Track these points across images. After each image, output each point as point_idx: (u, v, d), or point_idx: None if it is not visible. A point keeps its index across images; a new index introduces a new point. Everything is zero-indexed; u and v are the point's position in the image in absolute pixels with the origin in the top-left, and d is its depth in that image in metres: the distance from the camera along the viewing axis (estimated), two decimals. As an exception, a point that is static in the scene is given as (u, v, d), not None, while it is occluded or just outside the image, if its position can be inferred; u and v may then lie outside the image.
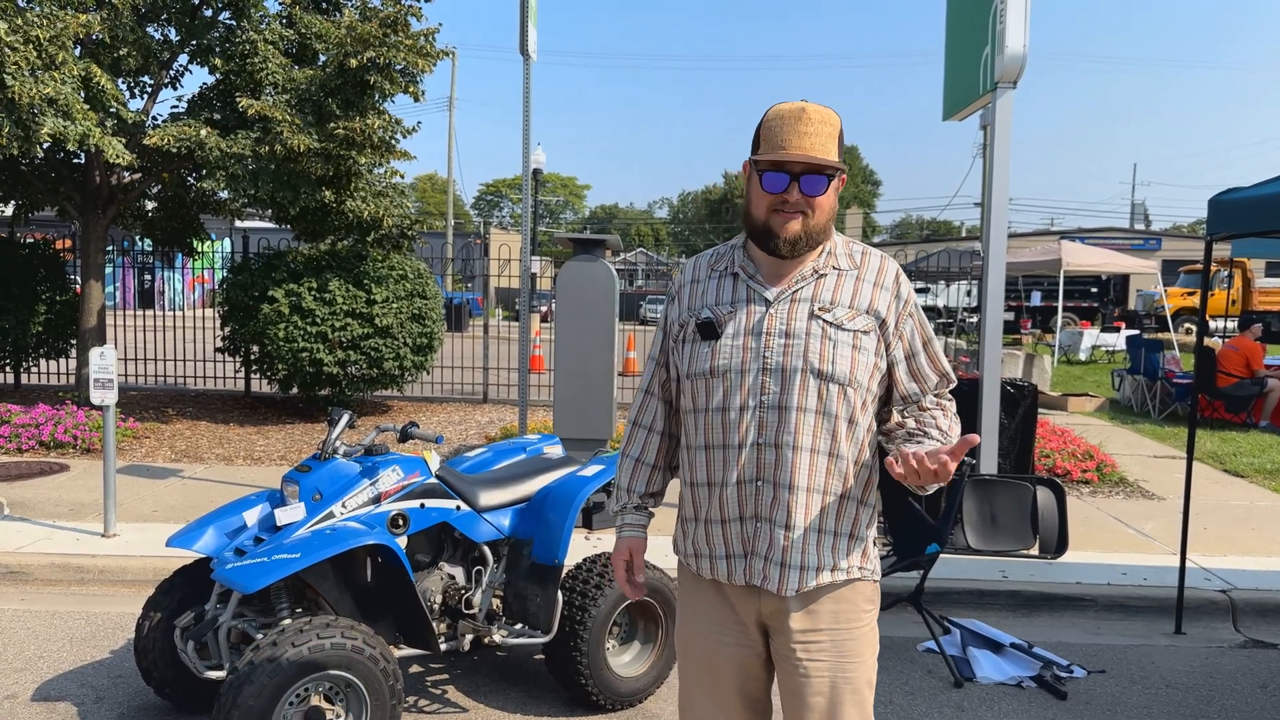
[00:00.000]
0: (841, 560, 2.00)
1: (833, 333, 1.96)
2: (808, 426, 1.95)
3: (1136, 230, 47.18)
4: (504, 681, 4.08)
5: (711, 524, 2.04)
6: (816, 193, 1.94)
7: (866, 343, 1.98)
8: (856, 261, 2.05)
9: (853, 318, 1.98)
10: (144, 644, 3.50)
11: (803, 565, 1.97)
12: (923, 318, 2.09)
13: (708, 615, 2.10)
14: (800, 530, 1.96)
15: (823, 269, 2.02)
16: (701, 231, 79.72)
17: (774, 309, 1.99)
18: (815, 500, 1.97)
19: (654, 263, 61.36)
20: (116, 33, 8.56)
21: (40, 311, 10.36)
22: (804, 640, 1.99)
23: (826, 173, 1.94)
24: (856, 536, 2.02)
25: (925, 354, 2.07)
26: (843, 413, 1.96)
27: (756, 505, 1.98)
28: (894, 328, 2.03)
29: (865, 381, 1.98)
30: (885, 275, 2.05)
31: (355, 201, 9.36)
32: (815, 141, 1.92)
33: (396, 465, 3.56)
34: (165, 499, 6.65)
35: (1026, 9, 4.99)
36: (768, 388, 1.96)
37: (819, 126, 1.93)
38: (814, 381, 1.95)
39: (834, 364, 1.95)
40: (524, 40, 6.66)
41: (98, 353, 5.49)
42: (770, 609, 2.02)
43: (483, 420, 10.42)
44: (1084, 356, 20.70)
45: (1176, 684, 4.27)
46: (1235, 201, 4.56)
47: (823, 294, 2.00)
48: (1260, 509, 7.19)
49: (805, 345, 1.95)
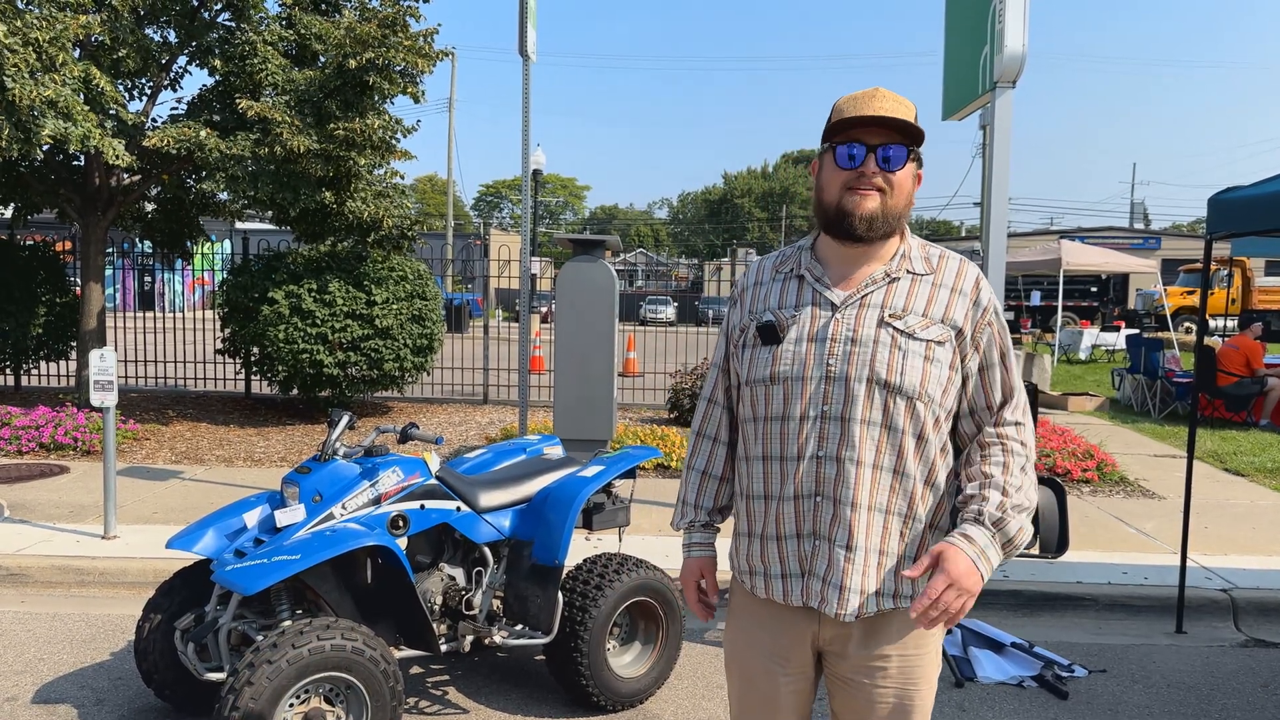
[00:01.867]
0: (905, 586, 1.86)
1: (903, 341, 1.82)
2: (871, 440, 1.82)
3: (1136, 229, 47.18)
4: (504, 683, 4.08)
5: (767, 540, 1.92)
6: (895, 166, 1.82)
7: (940, 354, 1.84)
8: (933, 265, 1.91)
9: (926, 326, 1.84)
10: (144, 646, 3.49)
11: (863, 589, 1.84)
12: (1003, 328, 1.92)
13: (762, 640, 1.98)
14: (861, 551, 1.83)
15: (895, 272, 1.88)
16: (701, 232, 79.71)
17: (840, 314, 1.87)
18: (878, 520, 1.84)
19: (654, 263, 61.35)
20: (116, 34, 8.56)
21: (40, 313, 10.36)
22: (870, 665, 1.89)
23: (906, 143, 1.82)
24: None
25: (1001, 368, 1.90)
26: (910, 428, 1.83)
27: (815, 522, 1.86)
28: (971, 338, 1.88)
29: (937, 395, 1.84)
30: (964, 280, 1.90)
31: (355, 202, 9.36)
32: (893, 112, 1.81)
33: (396, 466, 3.55)
34: (165, 501, 6.65)
35: (1026, 8, 4.98)
36: (830, 397, 1.84)
37: (894, 104, 1.83)
38: (879, 393, 1.82)
39: (902, 375, 1.81)
40: (523, 41, 6.66)
41: (98, 355, 5.49)
42: (830, 634, 1.91)
43: (483, 421, 10.41)
44: (1084, 356, 20.70)
45: (1178, 683, 4.27)
46: (1234, 200, 4.56)
47: (894, 300, 1.86)
48: (1261, 508, 7.19)
49: (872, 354, 1.82)
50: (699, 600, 2.12)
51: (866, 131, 1.83)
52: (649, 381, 14.13)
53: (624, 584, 3.79)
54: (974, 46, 5.39)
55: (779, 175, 78.69)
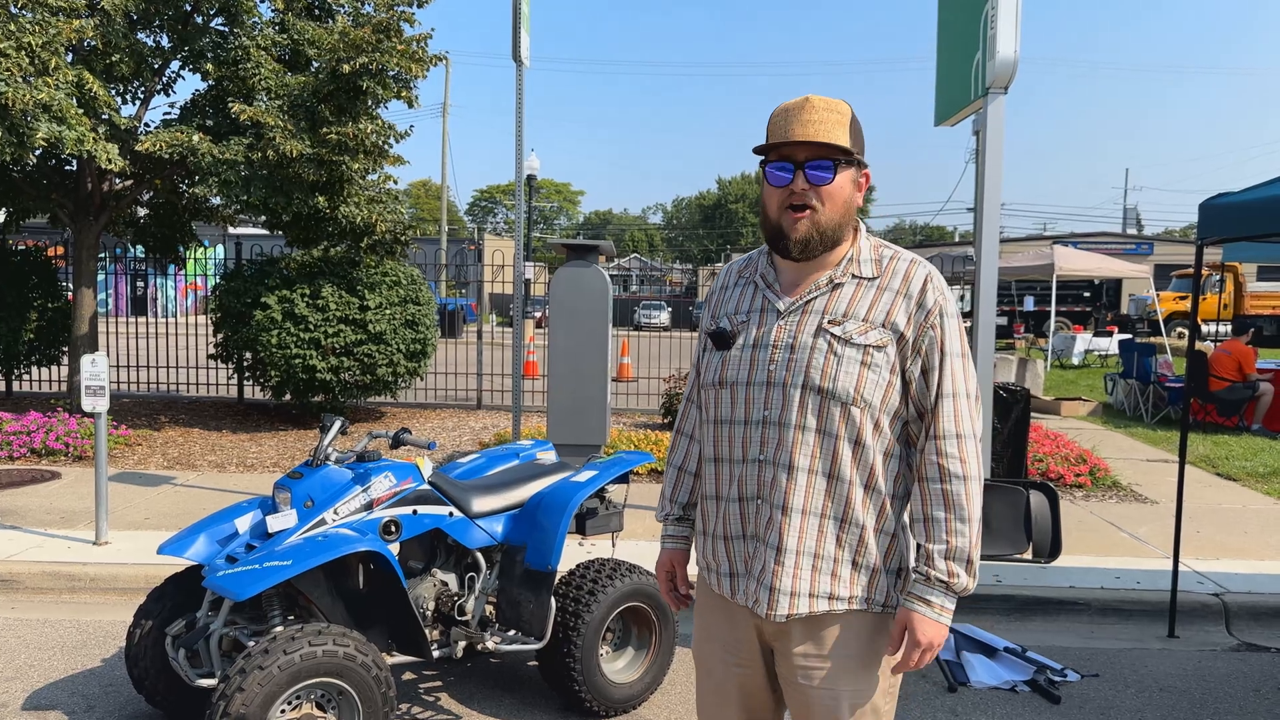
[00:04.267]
0: (842, 589, 1.88)
1: (839, 347, 1.84)
2: (806, 445, 1.86)
3: (1129, 235, 47.36)
4: (497, 688, 4.07)
5: (717, 539, 2.00)
6: (823, 180, 1.84)
7: (879, 359, 1.84)
8: (883, 268, 1.91)
9: (865, 331, 1.85)
10: (135, 652, 3.48)
11: (793, 591, 1.88)
12: (950, 331, 1.88)
13: (718, 632, 2.06)
14: (792, 554, 1.87)
15: (840, 278, 1.90)
16: (695, 237, 79.79)
17: (784, 320, 1.91)
18: (812, 523, 1.87)
19: (648, 268, 61.40)
20: (109, 39, 8.55)
21: (32, 319, 10.32)
22: (806, 666, 1.92)
23: (833, 157, 1.84)
24: (862, 566, 1.89)
25: (940, 371, 1.86)
26: (845, 433, 1.85)
27: (756, 524, 1.92)
28: (913, 341, 1.86)
29: (876, 401, 1.85)
30: (911, 283, 1.89)
31: (348, 207, 9.35)
32: (819, 128, 1.83)
33: (389, 472, 3.55)
34: (157, 506, 6.63)
35: (1017, 15, 5.01)
36: (770, 402, 1.89)
37: (823, 114, 1.84)
38: (814, 399, 1.85)
39: (836, 381, 1.83)
40: (516, 46, 6.66)
41: (89, 360, 5.47)
42: (772, 630, 1.95)
43: (477, 426, 10.40)
44: (1077, 361, 20.76)
45: (1170, 687, 4.27)
46: (1226, 206, 4.58)
47: (836, 306, 1.88)
48: (1253, 512, 7.21)
49: (808, 360, 1.85)
50: (669, 591, 2.21)
51: (795, 147, 1.86)
52: (643, 386, 14.13)
53: (617, 589, 3.79)
54: (966, 52, 5.41)
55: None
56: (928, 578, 1.84)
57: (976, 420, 1.89)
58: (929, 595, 1.84)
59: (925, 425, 1.88)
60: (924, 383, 1.88)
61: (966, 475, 1.85)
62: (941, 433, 1.86)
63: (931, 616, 1.83)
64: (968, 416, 1.87)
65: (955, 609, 1.91)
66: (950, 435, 1.85)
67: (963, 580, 1.84)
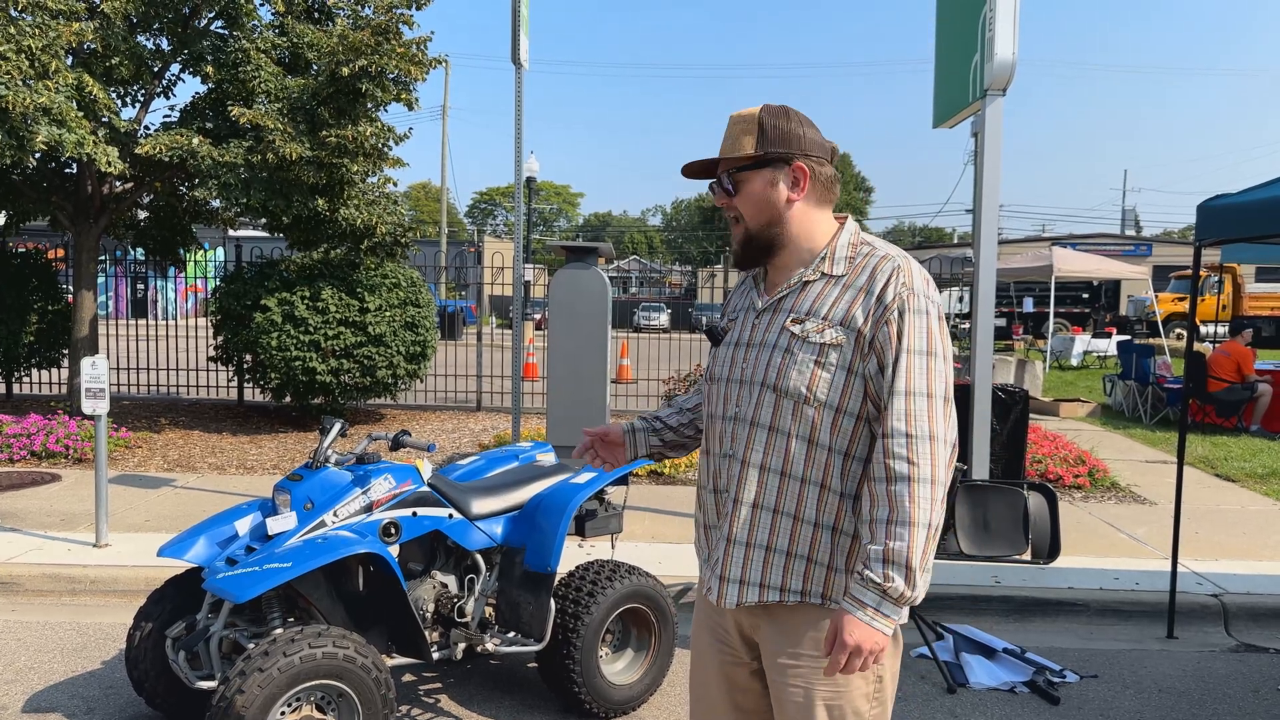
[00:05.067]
0: (794, 581, 1.88)
1: (795, 346, 1.87)
2: (759, 442, 1.90)
3: (1128, 236, 47.36)
4: (497, 690, 4.08)
5: (700, 527, 2.09)
6: (727, 193, 1.95)
7: (834, 357, 1.83)
8: (854, 265, 1.89)
9: (822, 330, 1.85)
10: (135, 654, 3.49)
11: (742, 580, 1.92)
12: (910, 327, 1.80)
13: (707, 623, 2.12)
14: (741, 546, 1.92)
15: (810, 276, 1.92)
16: (695, 239, 79.80)
17: (759, 319, 1.98)
18: (763, 517, 1.90)
19: (647, 270, 61.41)
20: (109, 42, 8.56)
21: (32, 321, 10.33)
22: (781, 662, 1.93)
23: (728, 169, 1.95)
24: (816, 561, 1.87)
25: (894, 370, 1.79)
26: (798, 431, 1.85)
27: (721, 515, 1.99)
28: (871, 339, 1.82)
29: (832, 399, 1.83)
30: (875, 279, 1.84)
31: (348, 210, 9.36)
32: (725, 144, 1.95)
33: (388, 474, 3.56)
34: (157, 509, 6.63)
35: (1015, 17, 5.02)
36: (740, 399, 1.96)
37: (732, 127, 1.95)
38: (769, 396, 1.89)
39: (787, 379, 1.86)
40: (516, 49, 6.67)
41: (89, 362, 5.48)
42: (749, 625, 2.00)
43: (476, 428, 10.40)
44: (1075, 362, 20.76)
45: (1169, 688, 4.28)
46: (1224, 207, 4.59)
47: (801, 304, 1.91)
48: (1251, 513, 7.22)
49: (768, 358, 1.91)
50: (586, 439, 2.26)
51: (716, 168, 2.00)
52: (642, 388, 14.13)
53: (616, 591, 3.80)
54: (964, 55, 5.42)
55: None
56: (863, 578, 1.77)
57: (938, 422, 1.79)
58: (863, 597, 1.76)
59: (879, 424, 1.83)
60: (879, 380, 1.82)
61: (913, 477, 1.75)
62: (889, 431, 1.78)
63: (863, 620, 1.75)
64: (924, 416, 1.78)
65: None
66: (899, 434, 1.77)
67: (899, 586, 1.74)
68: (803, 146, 1.92)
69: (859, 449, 1.86)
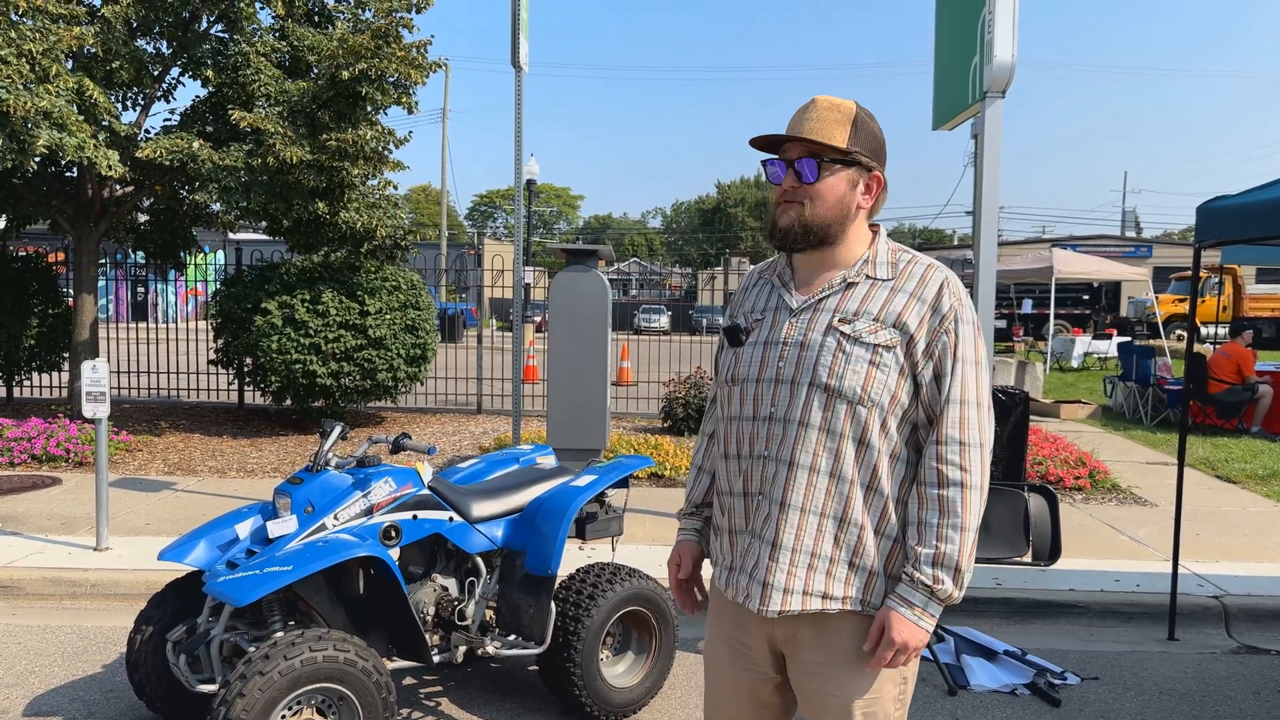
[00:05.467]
0: (836, 588, 1.87)
1: (848, 345, 1.84)
2: (809, 443, 1.86)
3: (1128, 238, 47.35)
4: (498, 693, 4.07)
5: (723, 533, 2.02)
6: (809, 178, 1.87)
7: (887, 358, 1.83)
8: (898, 271, 1.91)
9: (875, 331, 1.85)
10: (136, 658, 3.48)
11: (786, 588, 1.87)
12: (966, 337, 1.86)
13: (729, 635, 2.05)
14: (787, 550, 1.87)
15: (854, 278, 1.91)
16: (695, 241, 79.83)
17: (795, 318, 1.93)
18: (810, 521, 1.86)
19: (648, 272, 61.42)
20: (109, 46, 8.57)
21: (33, 325, 10.34)
22: (819, 671, 1.91)
23: (819, 155, 1.87)
24: (860, 567, 1.87)
25: (952, 378, 1.85)
26: (850, 432, 1.84)
27: (756, 520, 1.92)
28: (925, 345, 1.85)
29: (884, 401, 1.84)
30: (926, 286, 1.88)
31: (348, 213, 9.37)
32: (815, 126, 1.86)
33: (389, 477, 3.56)
34: (158, 512, 6.63)
35: (1014, 19, 5.02)
36: (777, 399, 1.89)
37: (824, 113, 1.87)
38: (820, 396, 1.85)
39: (843, 379, 1.83)
40: (515, 52, 6.68)
41: (90, 366, 5.48)
42: (783, 635, 1.94)
43: (477, 431, 10.41)
44: (1076, 364, 20.76)
45: (1170, 690, 4.28)
46: (1223, 209, 4.59)
47: (848, 305, 1.88)
48: (1252, 514, 7.21)
49: (816, 357, 1.86)
50: (679, 586, 2.20)
51: (790, 146, 1.91)
52: (643, 391, 14.13)
53: (617, 594, 3.80)
54: (964, 57, 5.42)
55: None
56: (912, 580, 1.83)
57: (986, 430, 1.86)
58: (911, 597, 1.83)
59: (931, 430, 1.87)
60: (935, 388, 1.86)
61: (965, 483, 1.83)
62: (944, 438, 1.84)
63: (910, 619, 1.82)
64: (975, 425, 1.85)
65: (945, 615, 1.91)
66: (953, 441, 1.84)
67: (948, 588, 1.82)
68: (882, 158, 1.95)
69: (903, 450, 1.90)
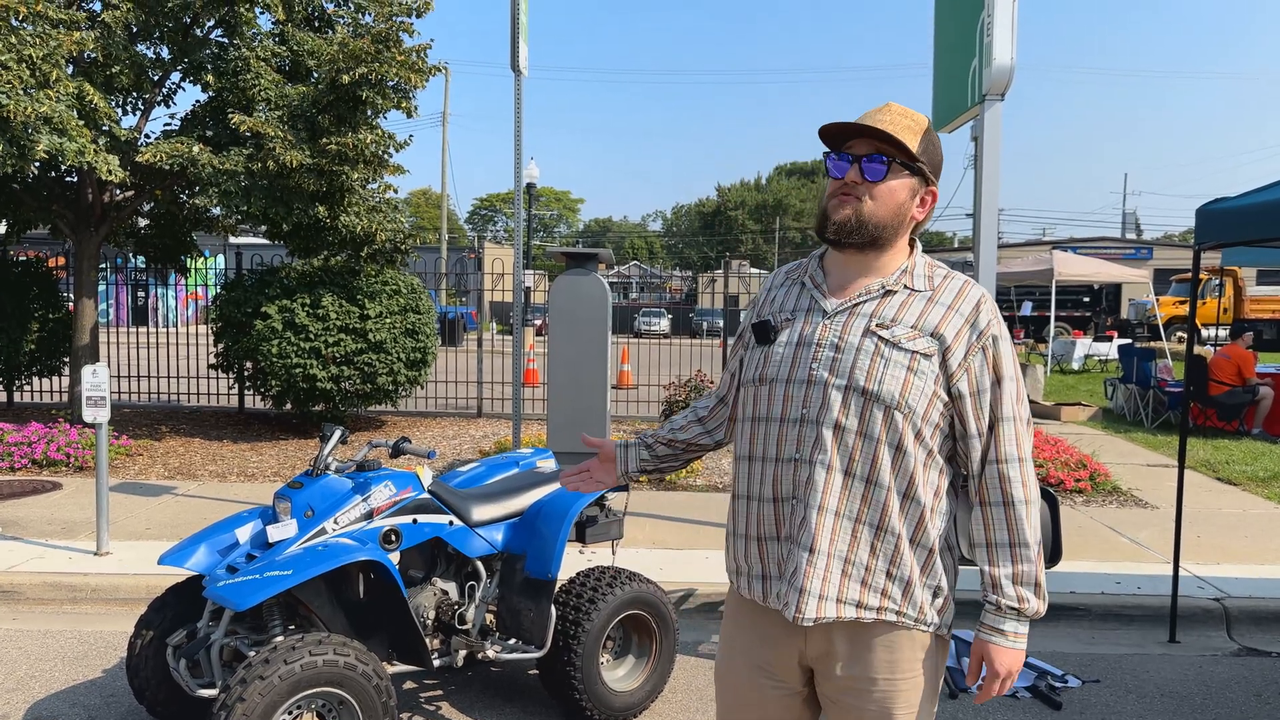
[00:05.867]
0: (872, 598, 1.84)
1: (886, 350, 1.83)
2: (845, 446, 1.83)
3: (1128, 240, 47.37)
4: (498, 697, 4.07)
5: (750, 540, 1.95)
6: (875, 176, 1.84)
7: (925, 366, 1.82)
8: (935, 284, 1.91)
9: (913, 338, 1.83)
10: (136, 663, 3.48)
11: (822, 594, 1.83)
12: (1003, 354, 1.87)
13: (747, 651, 1.98)
14: (823, 556, 1.83)
15: (893, 286, 1.90)
16: (695, 244, 79.86)
17: (830, 320, 1.90)
18: (845, 526, 1.83)
19: (648, 275, 61.44)
20: (109, 51, 8.58)
21: (33, 329, 10.35)
22: (855, 686, 1.88)
23: (892, 156, 1.85)
24: (896, 577, 1.85)
25: (994, 393, 1.86)
26: (887, 437, 1.82)
27: (790, 525, 1.87)
28: (962, 358, 1.85)
29: (919, 408, 1.82)
30: (964, 300, 1.88)
31: (348, 217, 9.38)
32: (890, 127, 1.84)
33: (389, 481, 3.55)
34: (158, 517, 6.63)
35: (1013, 22, 5.03)
36: (809, 401, 1.86)
37: (897, 117, 1.86)
38: (857, 400, 1.82)
39: (881, 383, 1.81)
40: (515, 56, 6.69)
41: (90, 370, 5.48)
42: (816, 651, 1.90)
43: (477, 435, 10.41)
44: (1077, 366, 20.76)
45: (1171, 693, 4.27)
46: (1222, 211, 4.59)
47: (885, 311, 1.87)
48: (1253, 516, 7.21)
49: (853, 361, 1.83)
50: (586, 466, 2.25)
51: (858, 143, 1.88)
52: (643, 394, 14.13)
53: (617, 597, 3.79)
54: (963, 60, 5.43)
55: (772, 187, 78.92)
56: (999, 607, 1.85)
57: (1030, 443, 1.90)
58: (1002, 624, 1.85)
59: (983, 449, 1.87)
60: (974, 404, 1.86)
61: (1028, 499, 1.86)
62: (1003, 456, 1.86)
63: (1007, 645, 1.85)
64: (1025, 440, 1.89)
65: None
66: (1012, 459, 1.86)
67: (1034, 605, 1.85)
68: (939, 176, 1.95)
69: (938, 460, 1.89)
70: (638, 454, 2.21)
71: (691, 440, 2.21)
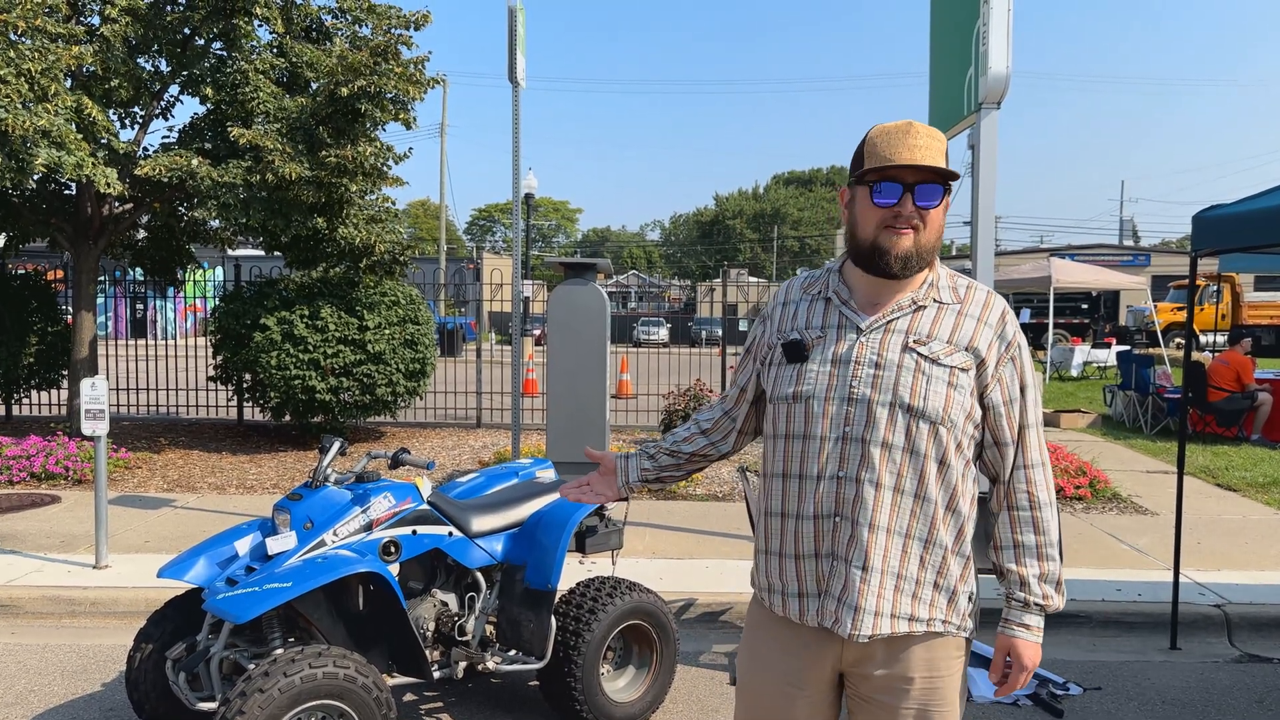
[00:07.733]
0: (922, 610, 1.87)
1: (927, 366, 1.85)
2: (893, 463, 1.84)
3: (1126, 246, 47.43)
4: (498, 709, 4.06)
5: (786, 558, 1.94)
6: (931, 204, 1.86)
7: (963, 380, 1.87)
8: (960, 295, 1.94)
9: (950, 353, 1.87)
10: (135, 676, 3.47)
11: (877, 611, 1.85)
12: (1027, 362, 1.95)
13: (777, 662, 1.98)
14: (878, 573, 1.84)
15: (922, 300, 1.92)
16: (693, 254, 79.97)
17: (865, 337, 1.90)
18: (896, 542, 1.85)
19: (646, 285, 61.51)
20: (108, 64, 8.61)
21: (32, 342, 10.34)
22: (894, 685, 1.89)
23: (942, 183, 1.86)
24: (943, 587, 1.89)
25: (1022, 402, 1.93)
26: (933, 452, 1.85)
27: (834, 542, 1.87)
28: (994, 369, 1.90)
29: (960, 421, 1.87)
30: (991, 312, 1.93)
31: (347, 228, 9.39)
32: (927, 153, 1.84)
33: (388, 492, 3.55)
34: (157, 529, 6.62)
35: (1009, 31, 5.04)
36: (852, 419, 1.86)
37: (928, 140, 1.86)
38: (903, 416, 1.84)
39: (926, 399, 1.84)
40: (512, 68, 6.71)
41: (89, 383, 5.48)
42: (854, 656, 1.91)
43: (476, 445, 10.40)
44: (1075, 373, 20.76)
45: (1172, 700, 4.26)
46: (1219, 218, 4.60)
47: (919, 326, 1.89)
48: (1253, 522, 7.20)
49: (896, 378, 1.85)
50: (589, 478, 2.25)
51: (905, 170, 1.85)
52: (642, 403, 14.13)
53: (617, 608, 3.79)
54: (959, 68, 5.45)
55: (770, 196, 79.12)
56: (1025, 603, 1.93)
57: (1046, 448, 1.99)
58: (1027, 619, 1.93)
59: (1013, 455, 1.94)
60: (1005, 412, 1.93)
61: (1051, 503, 1.95)
62: (1030, 462, 1.94)
63: (1031, 639, 1.92)
64: (1045, 446, 1.98)
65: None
66: (1037, 464, 1.95)
67: (1056, 602, 1.94)
68: None
69: (971, 468, 1.95)
70: (639, 463, 2.21)
71: (696, 451, 2.21)
